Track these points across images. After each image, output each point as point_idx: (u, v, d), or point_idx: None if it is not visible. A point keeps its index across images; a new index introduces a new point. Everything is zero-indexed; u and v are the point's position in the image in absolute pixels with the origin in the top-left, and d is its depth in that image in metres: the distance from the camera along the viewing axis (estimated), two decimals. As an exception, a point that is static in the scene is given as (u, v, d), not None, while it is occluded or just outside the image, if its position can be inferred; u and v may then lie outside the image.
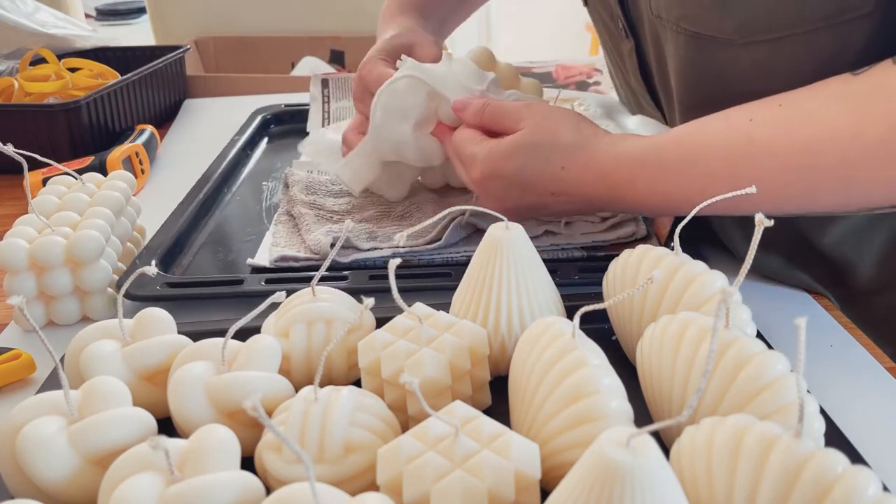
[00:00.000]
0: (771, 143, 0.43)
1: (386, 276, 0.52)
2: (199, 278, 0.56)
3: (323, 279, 0.51)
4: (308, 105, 0.88)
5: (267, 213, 0.68)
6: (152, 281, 0.53)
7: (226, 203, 0.70)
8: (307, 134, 0.81)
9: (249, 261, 0.57)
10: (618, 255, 0.46)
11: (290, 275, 0.54)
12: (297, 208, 0.63)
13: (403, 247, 0.57)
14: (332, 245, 0.55)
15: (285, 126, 0.90)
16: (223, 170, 0.73)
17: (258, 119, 0.88)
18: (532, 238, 0.57)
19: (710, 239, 0.59)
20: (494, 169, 0.51)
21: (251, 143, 0.83)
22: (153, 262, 0.56)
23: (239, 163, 0.78)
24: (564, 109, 0.52)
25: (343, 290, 0.45)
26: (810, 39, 0.44)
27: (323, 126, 0.82)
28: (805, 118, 0.42)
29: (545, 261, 0.55)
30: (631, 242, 0.58)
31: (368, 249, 0.57)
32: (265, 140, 0.87)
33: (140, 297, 0.52)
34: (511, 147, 0.50)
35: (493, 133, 0.53)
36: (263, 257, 0.58)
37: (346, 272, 0.54)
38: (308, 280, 0.47)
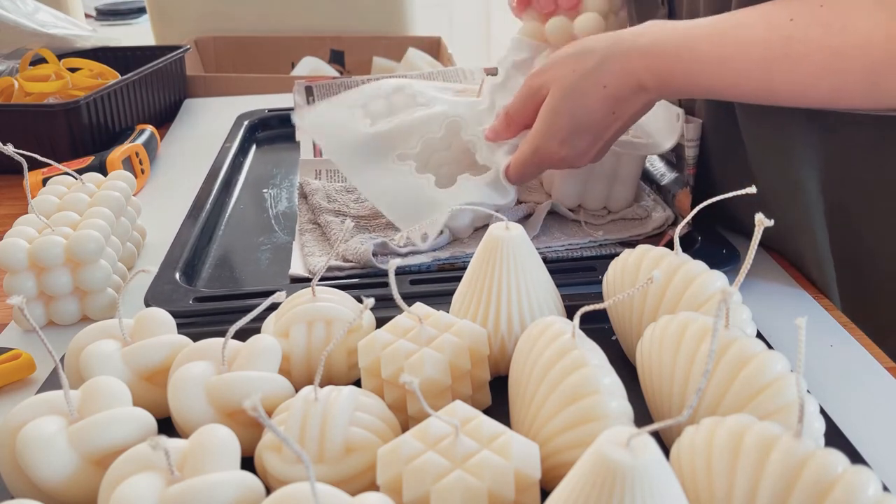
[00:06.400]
0: (808, 45, 0.44)
1: (427, 280, 0.54)
2: (233, 291, 0.53)
3: (367, 286, 0.52)
4: (292, 109, 0.85)
5: (276, 220, 0.67)
6: (182, 296, 0.51)
7: (230, 213, 0.70)
8: (296, 142, 0.80)
9: (293, 271, 0.56)
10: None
11: (334, 283, 0.51)
12: (323, 216, 0.62)
13: (444, 250, 0.57)
14: (374, 253, 0.55)
15: (271, 131, 0.90)
16: (223, 178, 0.72)
17: (244, 125, 0.87)
18: (563, 235, 0.59)
19: (733, 226, 0.59)
20: (557, 139, 0.52)
21: (242, 150, 0.82)
22: (177, 276, 0.54)
23: (234, 170, 0.77)
24: (563, 49, 0.53)
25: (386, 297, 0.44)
26: None
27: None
28: (843, 24, 0.43)
29: (571, 259, 0.57)
30: (663, 231, 0.59)
31: (407, 255, 0.56)
32: (253, 146, 0.86)
33: (173, 315, 0.46)
34: (550, 112, 0.52)
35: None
36: (298, 266, 0.57)
37: (386, 278, 0.54)
38: (350, 287, 0.47)
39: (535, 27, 0.62)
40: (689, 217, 0.42)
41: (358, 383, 0.41)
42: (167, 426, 0.39)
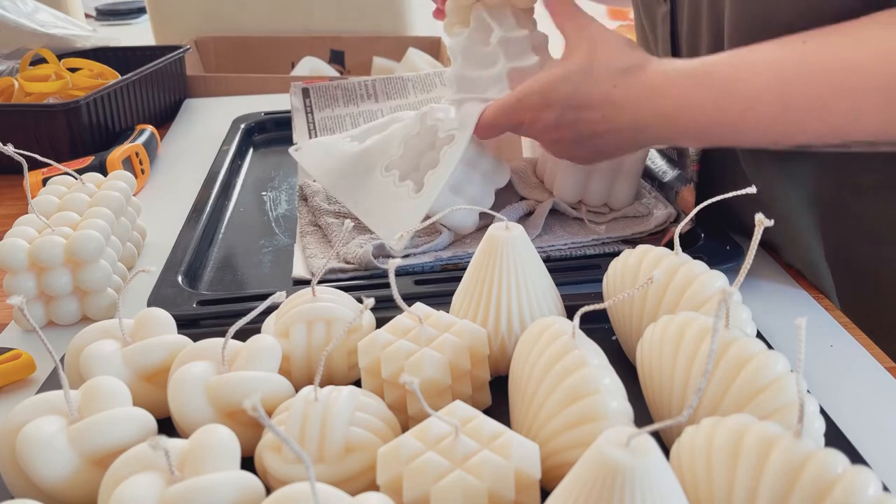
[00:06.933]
0: (822, 63, 0.44)
1: (432, 281, 0.54)
2: (237, 294, 0.53)
3: (370, 287, 0.52)
4: (288, 112, 0.85)
5: (276, 223, 0.67)
6: (186, 300, 0.51)
7: (230, 216, 0.69)
8: (293, 144, 0.80)
9: (295, 274, 0.56)
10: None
11: (337, 284, 0.50)
12: (323, 218, 0.62)
13: (445, 250, 0.57)
14: (374, 255, 0.55)
15: (267, 134, 0.89)
16: (221, 181, 0.72)
17: (241, 128, 0.87)
18: (566, 234, 0.59)
19: (734, 227, 0.59)
20: (549, 95, 0.51)
21: (239, 153, 0.82)
22: (179, 279, 0.54)
23: (232, 173, 0.77)
24: (615, 34, 0.52)
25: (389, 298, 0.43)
26: None
27: (310, 137, 0.80)
28: (857, 42, 0.43)
29: (575, 258, 0.56)
30: (665, 229, 0.59)
31: (407, 255, 0.56)
32: (251, 149, 0.86)
33: (177, 318, 0.46)
34: (566, 70, 0.51)
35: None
36: (301, 269, 0.57)
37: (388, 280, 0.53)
38: (352, 289, 0.47)
39: None
40: (691, 215, 0.42)
41: (358, 383, 0.41)
42: (167, 426, 0.39)
